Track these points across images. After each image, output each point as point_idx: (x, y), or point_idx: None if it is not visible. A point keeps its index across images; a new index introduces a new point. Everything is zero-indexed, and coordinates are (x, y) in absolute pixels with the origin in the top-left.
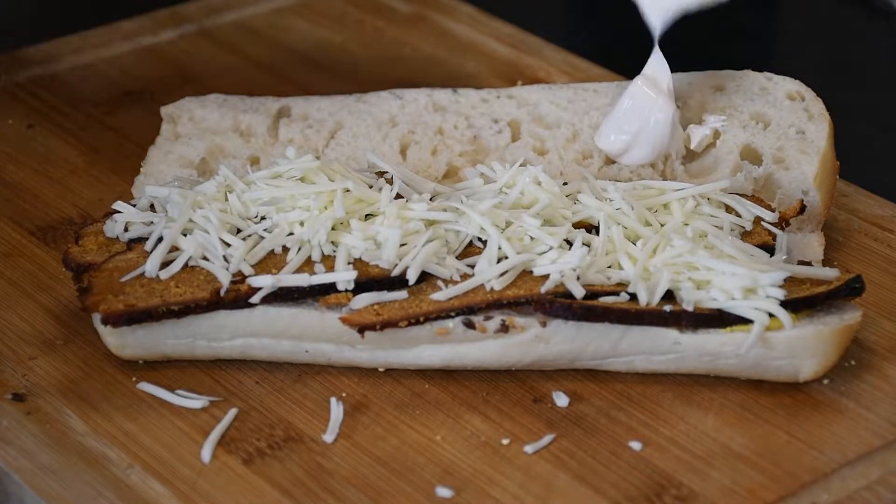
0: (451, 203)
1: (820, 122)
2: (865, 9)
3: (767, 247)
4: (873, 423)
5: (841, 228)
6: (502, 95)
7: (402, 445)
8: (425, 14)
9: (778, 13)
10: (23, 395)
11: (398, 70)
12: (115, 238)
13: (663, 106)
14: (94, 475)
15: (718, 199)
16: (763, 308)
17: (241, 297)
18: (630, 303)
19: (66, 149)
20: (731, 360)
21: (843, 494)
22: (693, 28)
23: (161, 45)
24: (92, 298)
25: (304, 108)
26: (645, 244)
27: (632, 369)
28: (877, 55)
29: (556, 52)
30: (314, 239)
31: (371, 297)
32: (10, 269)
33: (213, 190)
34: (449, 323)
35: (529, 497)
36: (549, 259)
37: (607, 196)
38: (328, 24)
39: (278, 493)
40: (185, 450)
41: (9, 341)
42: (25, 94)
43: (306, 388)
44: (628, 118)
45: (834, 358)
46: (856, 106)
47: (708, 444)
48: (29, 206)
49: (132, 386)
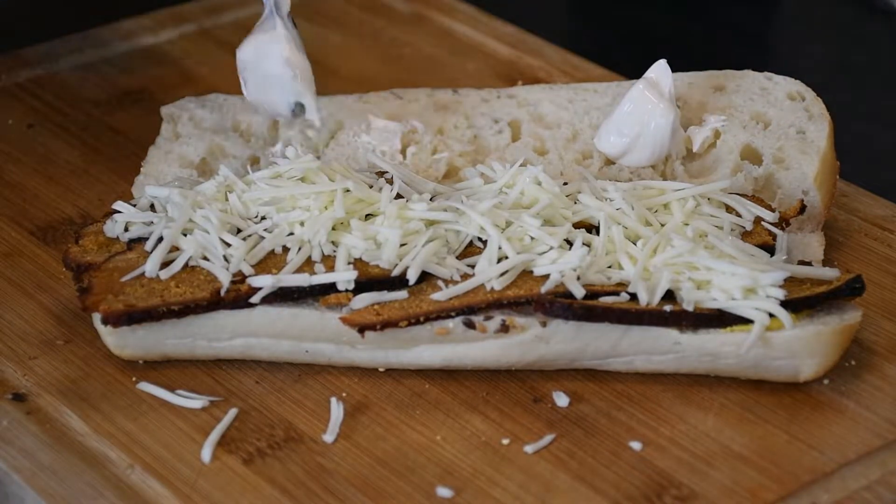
0: (451, 203)
1: (820, 122)
2: (865, 9)
3: (767, 247)
4: (873, 423)
5: (841, 228)
6: (502, 95)
7: (402, 445)
8: (425, 14)
9: (778, 13)
10: (23, 395)
11: (398, 70)
12: (115, 238)
13: (664, 111)
14: (94, 475)
15: (718, 199)
16: (763, 308)
17: (241, 297)
18: (630, 303)
19: (66, 149)
20: (732, 360)
21: (843, 494)
22: (693, 28)
23: (161, 45)
24: (92, 298)
25: None
26: (645, 244)
27: (632, 369)
28: (877, 55)
29: (556, 52)
30: (314, 239)
31: (371, 297)
32: (10, 269)
33: (213, 190)
34: (449, 323)
35: (529, 497)
36: (549, 259)
37: (607, 196)
38: (328, 24)
39: (278, 493)
40: (185, 450)
41: (9, 341)
42: (25, 94)
43: (306, 388)
44: (628, 121)
45: (834, 358)
46: (856, 106)
47: (708, 444)
48: (29, 206)
49: (132, 386)
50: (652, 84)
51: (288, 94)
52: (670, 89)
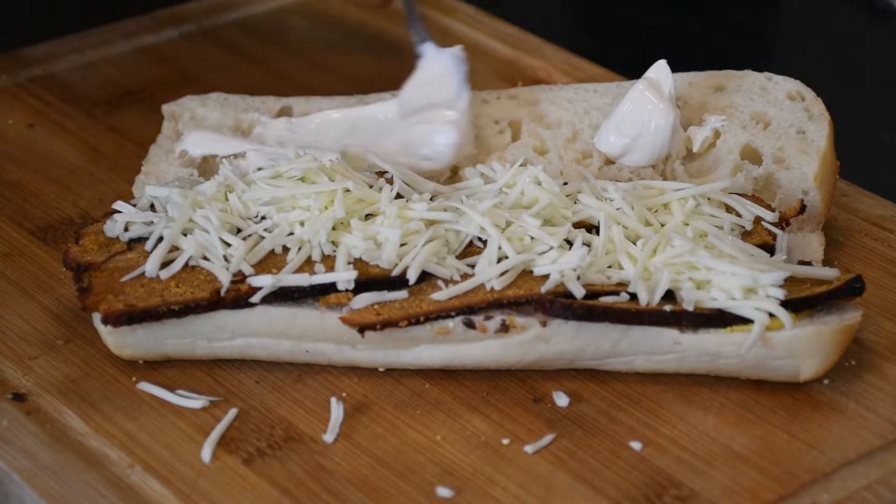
0: (451, 203)
1: (820, 122)
2: (865, 9)
3: (767, 247)
4: (873, 423)
5: (841, 228)
6: (503, 96)
7: (402, 445)
8: (425, 14)
9: (778, 13)
10: (23, 395)
11: (398, 70)
12: (115, 238)
13: (664, 111)
14: (94, 475)
15: (719, 199)
16: (763, 308)
17: (241, 296)
18: (630, 303)
19: (66, 149)
20: (732, 360)
21: (843, 494)
22: (693, 28)
23: (161, 45)
24: (92, 298)
25: (305, 107)
26: (645, 244)
27: (632, 369)
28: (877, 55)
29: (556, 52)
30: (314, 239)
31: (371, 296)
32: (10, 269)
33: (214, 190)
34: (449, 323)
35: (529, 497)
36: (549, 259)
37: (607, 196)
38: (328, 24)
39: (278, 493)
40: (185, 450)
41: (9, 341)
42: (25, 94)
43: (306, 388)
44: (628, 122)
45: (834, 358)
46: (856, 106)
47: (708, 444)
48: (29, 206)
49: (132, 386)
50: (652, 84)
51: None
52: (670, 89)
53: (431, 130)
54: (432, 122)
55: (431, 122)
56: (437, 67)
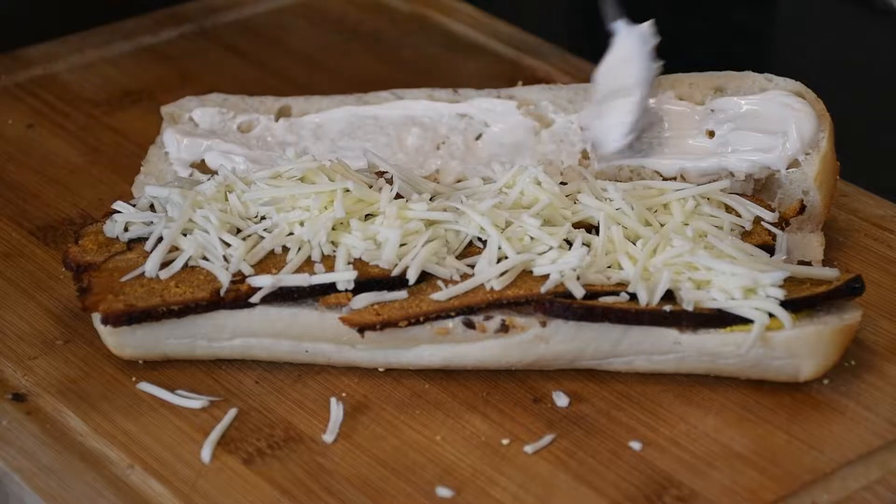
0: (451, 203)
1: (820, 122)
2: (865, 9)
3: (767, 247)
4: (873, 423)
5: (841, 228)
6: (502, 95)
7: (402, 445)
8: (425, 14)
9: (778, 13)
10: (23, 395)
11: (398, 70)
12: (115, 238)
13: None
14: (94, 475)
15: (718, 200)
16: (763, 308)
17: (241, 297)
18: (630, 303)
19: (66, 149)
20: (732, 360)
21: (843, 494)
22: (693, 28)
23: (161, 45)
24: (92, 298)
25: (305, 107)
26: (645, 244)
27: (632, 369)
28: (877, 55)
29: (556, 52)
30: (314, 239)
31: (371, 297)
32: (10, 269)
33: (213, 190)
34: (449, 323)
35: (529, 497)
36: (549, 259)
37: (607, 196)
38: (328, 24)
39: (278, 493)
40: (185, 450)
41: (9, 341)
42: (25, 94)
43: (306, 388)
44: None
45: (834, 358)
46: (856, 106)
47: (708, 444)
48: (29, 206)
49: (132, 386)
50: (615, 67)
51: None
52: (641, 67)
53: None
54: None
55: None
56: (629, 46)
